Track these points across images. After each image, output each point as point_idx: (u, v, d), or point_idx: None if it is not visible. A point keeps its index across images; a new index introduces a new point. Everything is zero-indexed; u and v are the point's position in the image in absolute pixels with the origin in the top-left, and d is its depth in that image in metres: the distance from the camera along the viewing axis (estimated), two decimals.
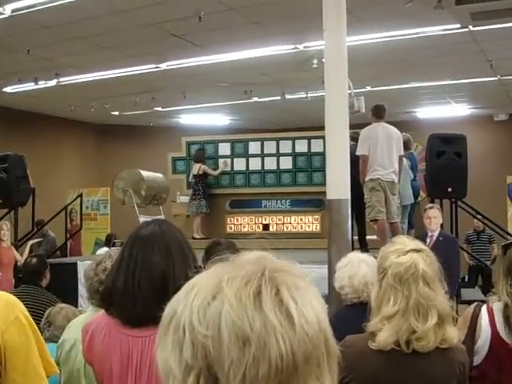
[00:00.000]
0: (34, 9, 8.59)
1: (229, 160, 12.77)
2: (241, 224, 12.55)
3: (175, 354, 0.91)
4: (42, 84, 12.72)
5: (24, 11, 8.70)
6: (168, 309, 0.96)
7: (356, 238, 9.15)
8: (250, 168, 12.63)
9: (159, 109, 16.11)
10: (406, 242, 2.54)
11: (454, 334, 2.44)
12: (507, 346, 3.00)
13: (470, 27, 9.49)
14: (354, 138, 8.80)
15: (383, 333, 2.36)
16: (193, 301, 0.92)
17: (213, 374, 0.88)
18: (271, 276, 0.93)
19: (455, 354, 2.47)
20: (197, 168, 12.14)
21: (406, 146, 9.86)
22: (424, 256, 2.48)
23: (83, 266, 8.99)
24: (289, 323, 0.89)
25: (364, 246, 8.77)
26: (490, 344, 3.07)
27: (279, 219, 12.35)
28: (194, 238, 11.42)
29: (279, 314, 0.89)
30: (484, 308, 3.27)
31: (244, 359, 0.87)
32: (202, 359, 0.88)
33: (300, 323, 0.90)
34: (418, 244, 2.55)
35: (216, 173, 12.25)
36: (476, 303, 3.39)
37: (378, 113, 8.86)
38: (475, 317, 3.24)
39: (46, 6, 8.49)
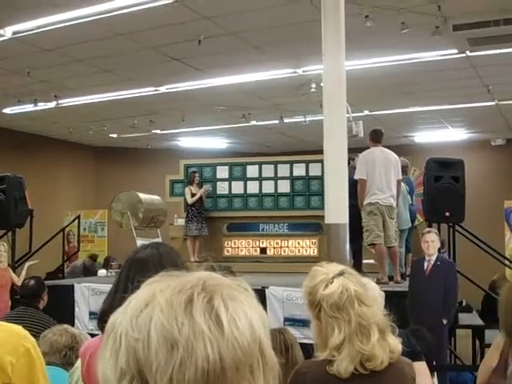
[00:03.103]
0: (34, 31, 8.65)
1: (209, 187, 12.65)
2: (238, 247, 12.50)
3: (112, 361, 0.92)
4: (41, 106, 12.77)
5: (24, 34, 8.76)
6: (108, 324, 0.97)
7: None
8: (248, 191, 12.62)
9: (158, 131, 16.16)
10: (324, 269, 2.50)
11: (396, 342, 2.44)
12: None
13: (468, 53, 9.55)
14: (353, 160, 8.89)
15: (341, 363, 2.35)
16: (128, 311, 0.94)
17: (143, 378, 0.89)
18: (206, 286, 0.94)
19: (406, 368, 2.49)
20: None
21: (404, 170, 9.89)
22: (349, 276, 2.46)
23: (80, 288, 8.98)
24: (218, 328, 0.90)
25: (359, 270, 8.76)
26: None
27: (277, 243, 12.31)
28: (190, 262, 11.39)
29: (208, 319, 0.90)
30: None
31: (171, 362, 0.87)
32: (133, 364, 0.90)
33: (230, 329, 0.90)
34: (336, 267, 2.52)
35: (190, 201, 12.12)
36: None
37: (376, 137, 8.90)
38: (509, 342, 3.28)
39: (46, 29, 8.55)
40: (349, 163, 8.83)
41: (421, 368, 3.44)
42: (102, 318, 2.48)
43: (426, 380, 3.47)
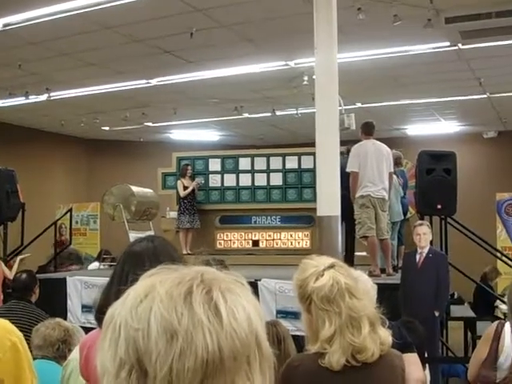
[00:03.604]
0: (26, 24, 8.60)
1: (202, 180, 12.64)
2: (230, 240, 12.53)
3: (111, 352, 0.94)
4: (32, 98, 12.71)
5: (16, 26, 8.71)
6: (107, 315, 0.99)
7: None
8: (240, 184, 12.63)
9: (150, 124, 16.12)
10: (315, 262, 2.51)
11: (386, 334, 2.45)
12: None
13: (460, 45, 9.57)
14: (348, 152, 8.92)
15: (333, 356, 2.36)
16: (127, 302, 0.96)
17: (143, 368, 0.91)
18: (204, 279, 0.96)
19: (396, 360, 2.51)
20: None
21: (398, 162, 9.90)
22: (339, 269, 2.47)
23: (72, 282, 8.97)
24: (217, 319, 0.91)
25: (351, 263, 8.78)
26: None
27: (269, 235, 12.33)
28: (182, 254, 11.39)
29: (207, 310, 0.92)
30: (507, 326, 3.32)
31: (171, 351, 0.89)
32: (133, 354, 0.91)
33: (228, 320, 0.92)
34: (327, 260, 2.53)
35: (182, 194, 12.15)
36: (498, 321, 3.46)
37: (367, 130, 8.92)
38: (498, 334, 3.31)
39: (37, 22, 8.50)
40: (347, 153, 8.89)
41: (412, 360, 3.46)
42: (100, 310, 2.48)
43: (417, 372, 3.49)
